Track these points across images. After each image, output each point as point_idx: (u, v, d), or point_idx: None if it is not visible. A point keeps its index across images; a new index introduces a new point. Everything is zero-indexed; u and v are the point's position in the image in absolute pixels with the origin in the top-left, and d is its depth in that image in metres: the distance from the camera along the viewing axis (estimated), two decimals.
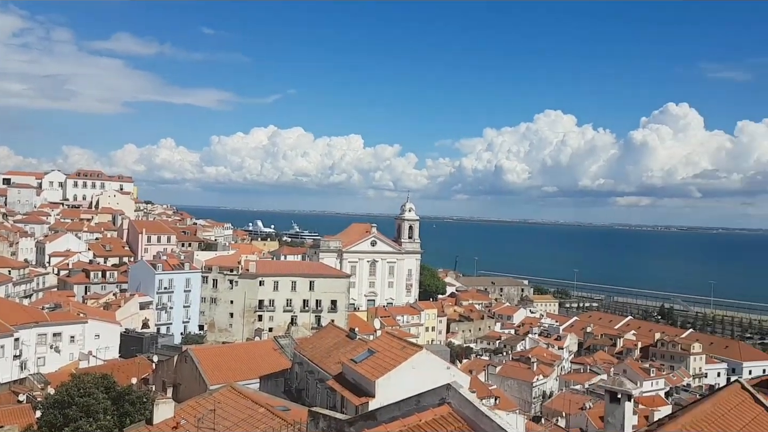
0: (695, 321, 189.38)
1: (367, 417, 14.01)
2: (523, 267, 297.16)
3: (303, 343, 49.22)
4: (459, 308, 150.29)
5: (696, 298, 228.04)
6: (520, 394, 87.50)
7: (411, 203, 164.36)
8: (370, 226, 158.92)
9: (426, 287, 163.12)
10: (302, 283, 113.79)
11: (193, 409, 31.73)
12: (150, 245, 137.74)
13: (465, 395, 12.57)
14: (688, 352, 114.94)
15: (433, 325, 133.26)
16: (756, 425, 16.89)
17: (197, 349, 53.44)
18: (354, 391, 34.52)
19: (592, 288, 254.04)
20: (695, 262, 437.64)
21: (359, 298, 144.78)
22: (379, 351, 36.80)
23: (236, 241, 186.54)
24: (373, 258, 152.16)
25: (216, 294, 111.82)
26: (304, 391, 43.51)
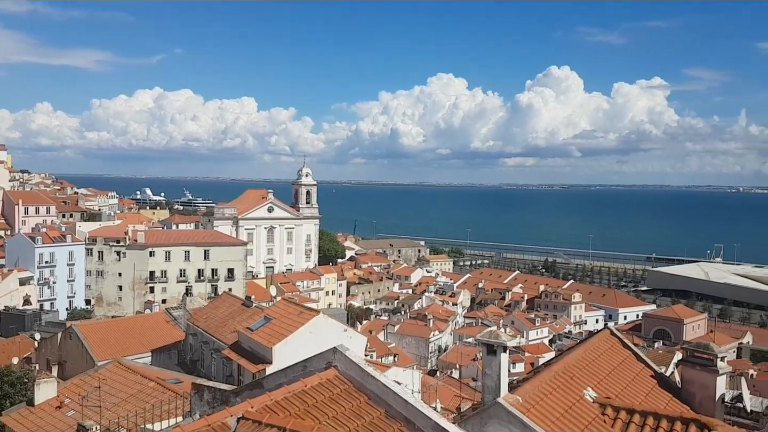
0: (576, 273, 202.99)
1: (253, 386, 13.85)
2: (420, 228, 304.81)
3: (197, 313, 47.96)
4: (358, 271, 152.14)
5: (576, 252, 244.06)
6: (418, 350, 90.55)
7: (308, 168, 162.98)
8: (266, 192, 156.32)
9: (325, 252, 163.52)
10: (196, 252, 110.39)
11: (78, 387, 30.40)
12: (28, 217, 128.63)
13: (351, 357, 12.67)
14: (570, 301, 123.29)
15: (333, 289, 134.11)
16: (623, 368, 18.34)
17: (83, 325, 50.87)
18: (251, 359, 34.23)
19: (483, 246, 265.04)
20: (575, 217, 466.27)
21: (258, 266, 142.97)
22: (276, 318, 36.58)
23: (122, 210, 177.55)
24: (271, 224, 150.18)
25: (102, 267, 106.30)
26: (199, 362, 42.64)
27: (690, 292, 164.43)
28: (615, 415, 14.85)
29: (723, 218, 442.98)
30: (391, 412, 11.91)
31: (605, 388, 16.44)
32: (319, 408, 11.57)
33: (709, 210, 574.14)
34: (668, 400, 17.38)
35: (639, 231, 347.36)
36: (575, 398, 15.24)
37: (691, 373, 17.45)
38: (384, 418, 11.78)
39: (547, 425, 13.56)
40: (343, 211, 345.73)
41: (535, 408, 14.00)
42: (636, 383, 17.80)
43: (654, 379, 18.50)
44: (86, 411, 25.23)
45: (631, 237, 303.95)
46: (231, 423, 10.38)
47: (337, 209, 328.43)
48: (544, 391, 14.90)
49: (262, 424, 10.19)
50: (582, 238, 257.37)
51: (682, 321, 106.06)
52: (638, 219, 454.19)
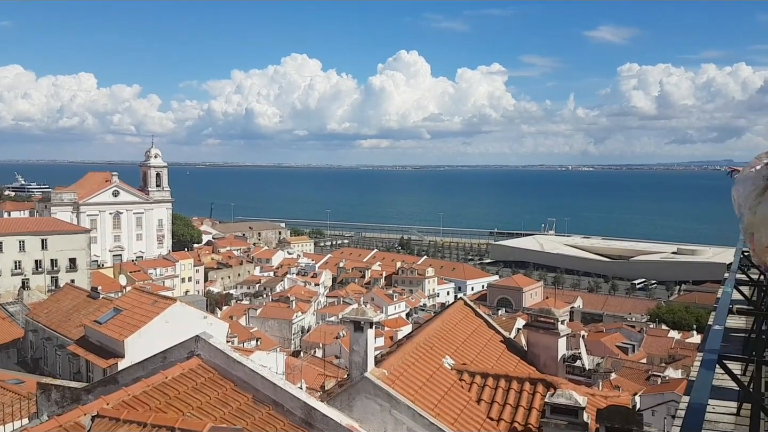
0: (429, 249, 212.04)
1: (107, 382, 13.04)
2: (280, 210, 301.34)
3: (37, 308, 44.20)
4: (217, 256, 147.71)
5: (429, 229, 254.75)
6: (281, 332, 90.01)
7: (157, 149, 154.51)
8: (110, 175, 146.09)
9: (180, 237, 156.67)
10: (32, 241, 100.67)
11: None
12: None
13: (214, 344, 12.38)
14: (424, 276, 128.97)
15: (189, 275, 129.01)
16: (476, 336, 19.63)
17: None
18: (100, 354, 32.35)
19: (343, 226, 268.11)
20: (427, 197, 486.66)
21: (103, 254, 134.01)
22: (127, 308, 34.76)
23: None
24: (117, 209, 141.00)
25: None
26: (42, 360, 39.43)
27: (528, 263, 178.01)
28: (471, 379, 15.89)
29: (555, 194, 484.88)
30: (259, 397, 11.86)
31: (462, 355, 17.51)
32: (181, 399, 11.23)
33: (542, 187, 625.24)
34: (516, 363, 18.90)
35: (482, 208, 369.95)
36: (435, 367, 16.10)
37: (536, 336, 19.07)
38: (252, 404, 11.70)
39: (411, 395, 14.21)
40: (199, 194, 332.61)
41: (400, 379, 14.61)
42: (488, 349, 19.14)
43: (503, 344, 20.02)
44: None
45: (476, 214, 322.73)
46: (85, 422, 9.78)
47: (191, 192, 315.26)
48: (408, 363, 15.58)
49: (120, 420, 9.71)
50: (433, 216, 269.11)
51: (521, 289, 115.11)
52: (481, 197, 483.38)
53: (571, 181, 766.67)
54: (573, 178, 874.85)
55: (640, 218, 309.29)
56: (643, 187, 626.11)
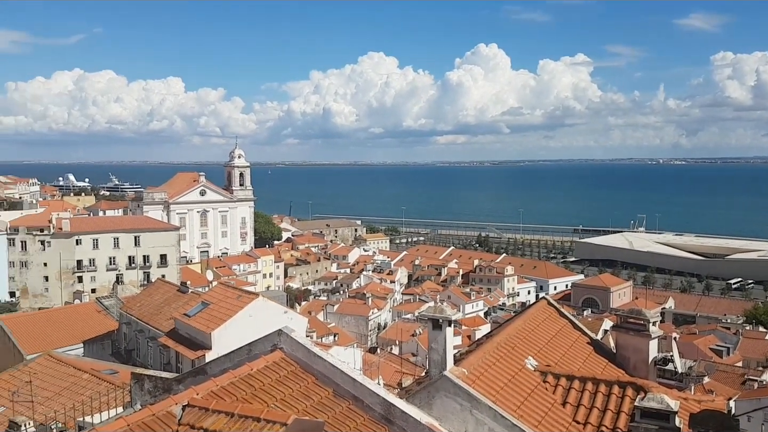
0: (508, 246, 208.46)
1: (196, 372, 13.54)
2: (356, 208, 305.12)
3: (130, 301, 46.50)
4: (296, 252, 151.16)
5: (508, 226, 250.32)
6: (358, 328, 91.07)
7: (240, 149, 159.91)
8: (197, 175, 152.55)
9: (261, 234, 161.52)
10: (126, 238, 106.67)
11: (7, 383, 29.10)
12: None
13: (296, 338, 12.56)
14: (503, 274, 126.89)
15: (270, 271, 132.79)
16: (561, 336, 18.98)
17: (7, 318, 48.71)
18: (189, 346, 33.54)
19: (418, 223, 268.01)
20: (506, 193, 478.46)
21: (191, 251, 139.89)
22: (214, 302, 35.91)
23: (45, 197, 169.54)
24: (204, 208, 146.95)
25: (26, 257, 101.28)
26: (135, 352, 41.43)
27: (615, 261, 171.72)
28: (556, 382, 15.35)
29: (645, 189, 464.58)
30: (339, 391, 11.92)
31: (545, 357, 16.96)
32: (266, 391, 11.46)
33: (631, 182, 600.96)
34: (604, 365, 18.12)
35: (566, 204, 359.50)
36: (517, 368, 15.66)
37: (625, 338, 18.22)
38: (332, 398, 11.78)
39: (492, 395, 13.88)
40: (278, 193, 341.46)
41: (480, 379, 14.31)
42: (573, 350, 18.45)
43: (590, 345, 19.24)
44: (17, 407, 24.14)
45: (558, 210, 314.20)
46: (176, 411, 10.13)
47: (271, 191, 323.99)
48: (488, 363, 15.23)
49: (209, 410, 10.00)
50: (513, 213, 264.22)
51: (608, 289, 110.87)
52: (565, 192, 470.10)
53: (662, 176, 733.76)
54: (664, 172, 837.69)
55: (736, 214, 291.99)
56: (740, 181, 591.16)
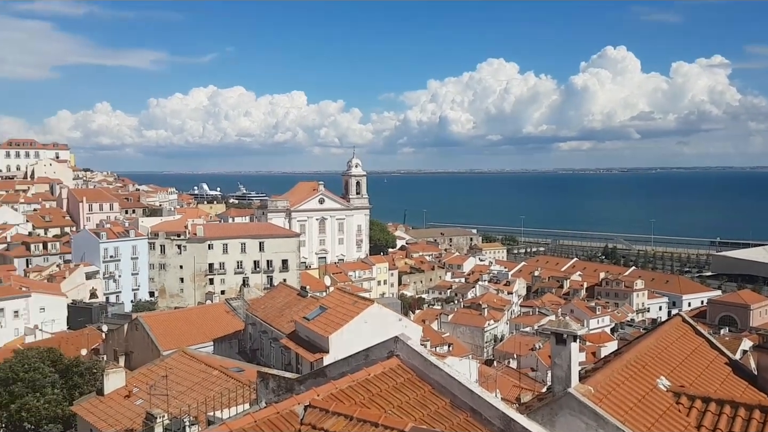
0: (637, 259, 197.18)
1: (316, 374, 13.87)
2: (471, 216, 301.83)
3: (255, 303, 48.75)
4: (410, 260, 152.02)
5: (637, 237, 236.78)
6: (473, 339, 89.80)
7: (357, 159, 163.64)
8: (317, 184, 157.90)
9: (376, 242, 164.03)
10: (252, 244, 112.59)
11: (145, 377, 31.28)
12: (92, 214, 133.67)
13: (413, 346, 12.50)
14: (632, 288, 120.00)
15: (384, 278, 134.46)
16: (696, 356, 17.55)
17: (147, 316, 52.43)
18: (308, 348, 34.49)
19: (538, 233, 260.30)
20: (636, 202, 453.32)
21: (310, 257, 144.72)
22: (331, 307, 36.71)
23: (181, 205, 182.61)
24: (322, 216, 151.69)
25: (164, 260, 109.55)
26: (259, 351, 43.31)
27: (757, 277, 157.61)
28: (690, 403, 14.24)
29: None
30: (456, 402, 11.72)
31: (679, 377, 15.78)
32: (383, 397, 11.49)
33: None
34: (744, 388, 16.62)
35: (702, 214, 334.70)
36: (648, 387, 14.69)
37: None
38: (449, 408, 11.61)
39: (621, 415, 13.09)
40: (393, 201, 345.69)
41: (608, 398, 13.56)
42: (710, 371, 17.04)
43: (728, 366, 17.70)
44: (154, 399, 25.93)
45: (694, 221, 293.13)
46: (299, 411, 10.44)
47: (386, 199, 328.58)
48: (616, 381, 14.41)
49: (329, 412, 10.22)
50: (643, 223, 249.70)
51: (748, 306, 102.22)
52: (701, 202, 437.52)
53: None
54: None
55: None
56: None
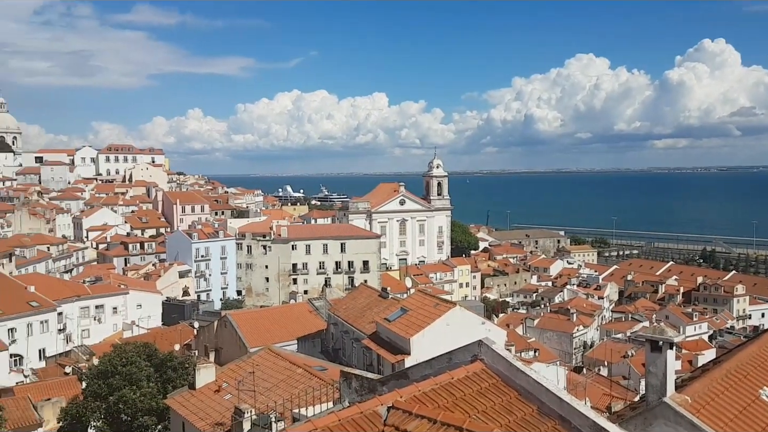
0: (738, 262, 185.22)
1: (399, 376, 13.80)
2: (559, 218, 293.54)
3: (337, 303, 49.43)
4: (493, 263, 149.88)
5: (738, 240, 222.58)
6: (560, 345, 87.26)
7: (438, 159, 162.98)
8: (398, 185, 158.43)
9: (458, 243, 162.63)
10: (333, 245, 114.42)
11: (234, 372, 32.23)
12: (185, 215, 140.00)
13: (498, 350, 12.19)
14: (732, 294, 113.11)
15: (466, 281, 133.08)
16: None
17: (235, 314, 54.19)
18: (389, 350, 34.51)
19: (631, 235, 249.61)
20: (736, 202, 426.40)
21: (391, 258, 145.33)
22: (412, 309, 36.60)
23: (267, 207, 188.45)
24: (403, 217, 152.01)
25: (251, 260, 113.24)
26: (341, 351, 43.81)
27: None
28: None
29: None
30: (544, 409, 11.35)
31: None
32: (467, 401, 11.31)
33: None
34: None
35: None
36: (750, 398, 13.75)
37: None
38: (537, 416, 11.26)
39: (720, 427, 12.29)
40: (476, 202, 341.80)
41: (706, 409, 12.76)
42: None
43: None
44: (242, 395, 26.67)
45: None
46: (382, 412, 10.43)
47: (469, 200, 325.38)
48: (715, 391, 13.54)
49: (412, 414, 10.14)
50: (744, 225, 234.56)
51: None
52: None
53: None
54: None
55: None
56: None
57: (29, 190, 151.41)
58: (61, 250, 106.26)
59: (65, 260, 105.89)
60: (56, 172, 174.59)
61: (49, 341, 66.36)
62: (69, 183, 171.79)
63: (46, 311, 66.51)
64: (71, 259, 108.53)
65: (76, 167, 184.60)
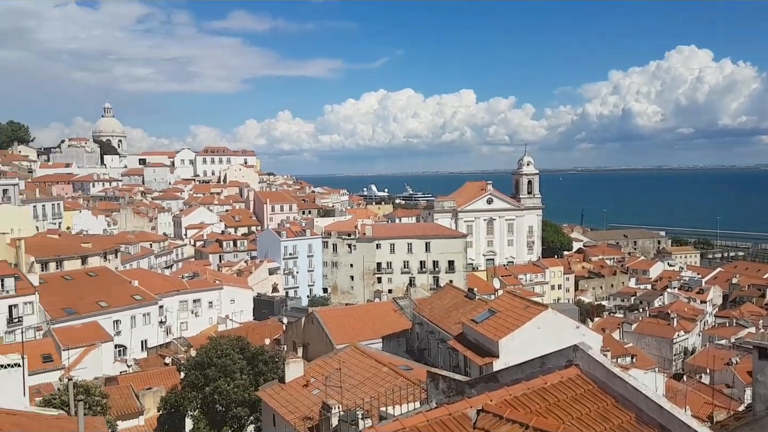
0: None
1: (488, 379, 13.43)
2: (659, 217, 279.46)
3: (422, 303, 49.22)
4: (588, 264, 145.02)
5: None
6: (660, 351, 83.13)
7: (529, 156, 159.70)
8: (485, 184, 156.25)
9: (549, 244, 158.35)
10: (418, 244, 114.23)
11: (321, 368, 32.77)
12: (274, 214, 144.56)
13: (594, 356, 11.64)
14: None
15: (559, 283, 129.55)
16: None
17: (322, 311, 55.17)
18: (476, 351, 33.86)
19: (737, 236, 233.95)
20: None
21: (477, 258, 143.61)
22: (501, 311, 35.73)
23: (352, 206, 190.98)
24: (490, 216, 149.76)
25: (336, 258, 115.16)
26: (426, 351, 43.56)
27: None
28: None
29: None
30: (643, 418, 10.77)
31: None
32: (561, 407, 10.87)
33: None
34: None
35: None
36: None
37: None
38: (635, 423, 10.72)
39: None
40: (569, 201, 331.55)
41: None
42: None
43: None
44: (329, 390, 27.02)
45: None
46: (471, 414, 10.18)
47: (561, 198, 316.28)
48: None
49: (502, 418, 9.83)
50: None
51: None
52: None
53: None
54: None
55: None
56: None
57: (133, 191, 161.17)
58: (162, 247, 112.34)
59: (166, 256, 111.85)
60: (158, 173, 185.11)
61: (150, 333, 70.20)
62: (169, 183, 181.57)
63: (149, 304, 70.36)
64: (171, 256, 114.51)
65: (176, 169, 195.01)
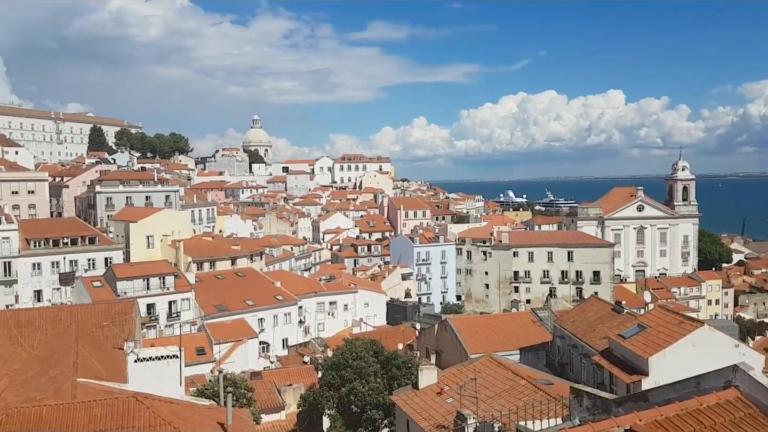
0: None
1: (637, 398, 12.37)
2: None
3: (563, 315, 47.02)
4: (749, 278, 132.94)
5: None
6: None
7: (684, 161, 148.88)
8: (635, 190, 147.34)
9: (706, 255, 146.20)
10: (559, 253, 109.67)
11: (455, 377, 32.27)
12: (407, 220, 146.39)
13: (757, 377, 10.38)
14: None
15: (716, 297, 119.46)
16: None
17: (456, 319, 54.63)
18: (623, 369, 31.87)
19: None
20: None
21: (626, 269, 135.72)
22: (651, 326, 33.35)
23: (487, 212, 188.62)
24: (641, 224, 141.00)
25: (470, 265, 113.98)
26: (568, 366, 41.53)
27: None
28: None
29: None
30: None
31: None
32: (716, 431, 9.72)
33: None
34: None
35: None
36: None
37: None
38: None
39: None
40: (729, 209, 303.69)
41: None
42: None
43: None
44: (463, 400, 26.44)
45: None
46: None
47: (720, 206, 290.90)
48: None
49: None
50: None
51: None
52: None
53: None
54: None
55: None
56: None
57: (277, 197, 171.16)
58: (302, 250, 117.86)
59: (305, 259, 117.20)
60: (299, 180, 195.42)
61: (291, 332, 73.68)
62: (309, 190, 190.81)
63: (289, 305, 73.89)
64: (310, 259, 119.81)
65: (315, 176, 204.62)
